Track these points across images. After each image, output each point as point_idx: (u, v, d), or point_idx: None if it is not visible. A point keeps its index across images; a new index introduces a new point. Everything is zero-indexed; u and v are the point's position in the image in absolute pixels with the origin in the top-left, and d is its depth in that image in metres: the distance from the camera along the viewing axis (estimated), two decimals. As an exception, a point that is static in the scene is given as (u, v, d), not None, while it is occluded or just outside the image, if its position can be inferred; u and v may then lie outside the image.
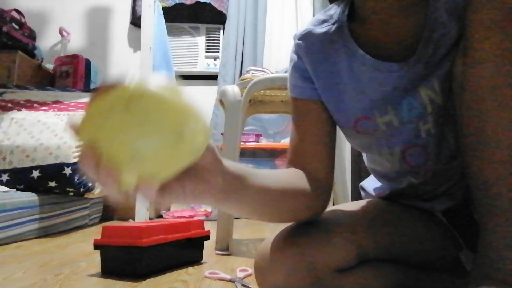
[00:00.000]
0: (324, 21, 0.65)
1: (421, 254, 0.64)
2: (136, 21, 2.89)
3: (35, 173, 1.57)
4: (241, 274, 0.85)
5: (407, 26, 0.58)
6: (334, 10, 0.65)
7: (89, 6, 3.01)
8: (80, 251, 1.20)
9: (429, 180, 0.65)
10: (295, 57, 0.66)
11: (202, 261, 1.03)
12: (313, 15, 2.81)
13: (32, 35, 2.41)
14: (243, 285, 0.78)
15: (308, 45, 0.64)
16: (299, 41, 0.65)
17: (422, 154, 0.62)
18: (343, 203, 0.77)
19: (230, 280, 0.82)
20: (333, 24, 0.63)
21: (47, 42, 2.92)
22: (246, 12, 2.84)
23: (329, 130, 0.65)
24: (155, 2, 2.13)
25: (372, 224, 0.63)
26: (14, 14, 2.31)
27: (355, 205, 0.68)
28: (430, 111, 0.58)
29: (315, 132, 0.64)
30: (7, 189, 1.52)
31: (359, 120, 0.62)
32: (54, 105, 1.89)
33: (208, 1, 2.89)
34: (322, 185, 0.61)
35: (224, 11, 2.89)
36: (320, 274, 0.55)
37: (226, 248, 1.17)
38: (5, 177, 1.58)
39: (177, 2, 2.86)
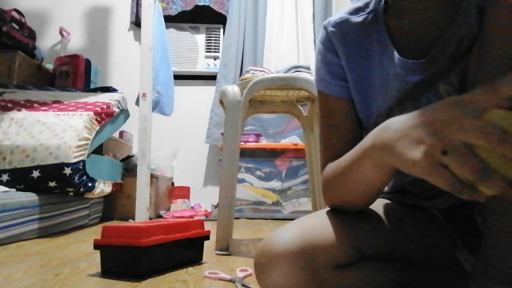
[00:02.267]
0: (359, 9, 0.64)
1: (420, 252, 0.64)
2: (136, 21, 2.89)
3: (35, 173, 1.57)
4: (241, 274, 0.85)
5: (439, 21, 0.58)
6: None
7: (89, 6, 3.01)
8: (80, 251, 1.20)
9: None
10: (322, 48, 0.65)
11: (202, 261, 1.03)
12: (313, 15, 2.81)
13: (32, 35, 2.41)
14: (243, 285, 0.78)
15: (344, 34, 0.63)
16: (333, 29, 0.64)
17: None
18: None
19: (230, 280, 0.82)
20: (369, 13, 0.62)
21: (47, 42, 2.92)
22: (246, 12, 2.84)
23: (358, 123, 0.65)
24: (155, 2, 2.13)
25: (372, 222, 0.63)
26: (14, 14, 2.31)
27: None
28: None
29: (348, 127, 0.64)
30: (7, 189, 1.52)
31: (380, 116, 0.62)
32: (54, 105, 1.89)
33: (207, 4, 2.90)
34: None
35: (223, 13, 2.90)
36: (320, 271, 0.55)
37: (226, 248, 1.17)
38: (5, 177, 1.58)
39: (180, 10, 2.87)
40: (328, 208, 0.64)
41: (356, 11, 0.64)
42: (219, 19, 2.95)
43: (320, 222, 0.59)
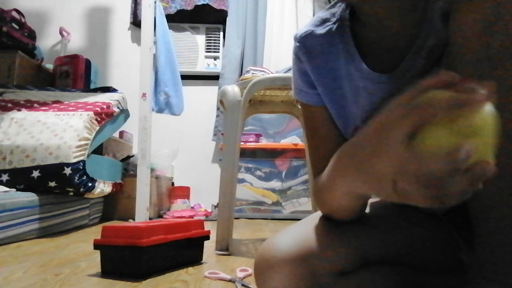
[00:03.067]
0: (325, 20, 0.63)
1: (423, 255, 0.63)
2: (136, 21, 2.89)
3: (35, 173, 1.57)
4: (241, 274, 0.85)
5: (404, 30, 0.55)
6: (338, 8, 0.62)
7: (89, 6, 3.01)
8: (80, 251, 1.20)
9: None
10: (295, 58, 0.65)
11: (202, 261, 1.03)
12: (313, 15, 2.81)
13: (32, 35, 2.41)
14: (243, 285, 0.78)
15: (309, 48, 0.63)
16: (298, 44, 0.64)
17: None
18: None
19: (230, 280, 0.82)
20: (334, 23, 0.61)
21: (47, 42, 2.92)
22: (246, 12, 2.84)
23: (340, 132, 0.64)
24: (155, 2, 2.13)
25: (372, 225, 0.63)
26: (14, 14, 2.31)
27: None
28: None
29: (330, 135, 0.63)
30: (7, 189, 1.52)
31: (355, 129, 0.61)
32: (54, 105, 1.89)
33: (206, 2, 2.90)
34: None
35: (224, 8, 2.89)
36: (320, 278, 0.54)
37: (226, 248, 1.17)
38: (5, 177, 1.58)
39: (179, 8, 2.87)
40: None
41: (322, 22, 0.63)
42: (219, 19, 2.95)
43: (320, 226, 0.59)
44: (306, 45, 0.63)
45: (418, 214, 0.67)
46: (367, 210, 0.67)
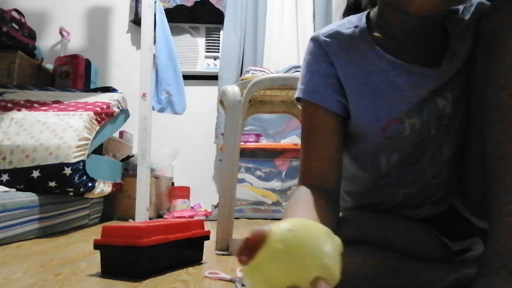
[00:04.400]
0: (343, 24, 0.66)
1: (408, 241, 0.64)
2: (136, 20, 2.89)
3: (35, 173, 1.57)
4: (241, 274, 0.85)
5: (428, 41, 0.62)
6: (350, 18, 0.67)
7: (89, 6, 3.01)
8: (80, 251, 1.20)
9: (416, 195, 0.68)
10: (314, 58, 0.65)
11: (202, 261, 1.03)
12: (313, 15, 2.82)
13: (32, 35, 2.41)
14: (243, 285, 0.78)
15: (338, 44, 0.64)
16: (327, 39, 0.64)
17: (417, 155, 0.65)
18: None
19: (230, 280, 0.82)
20: (354, 27, 0.64)
21: (47, 42, 2.92)
22: (246, 12, 2.84)
23: (341, 142, 0.64)
24: (155, 2, 2.13)
25: (358, 218, 0.67)
26: (14, 14, 2.31)
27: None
28: (439, 116, 0.62)
29: (330, 147, 0.62)
30: (7, 189, 1.52)
31: (391, 121, 0.62)
32: (54, 105, 1.89)
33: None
34: (337, 199, 0.63)
35: (222, 9, 2.89)
36: None
37: (226, 248, 1.17)
38: (5, 177, 1.58)
39: (178, 3, 2.87)
40: None
41: (343, 25, 0.66)
42: (219, 19, 2.95)
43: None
44: (335, 41, 0.64)
45: (398, 219, 0.69)
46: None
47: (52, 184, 1.59)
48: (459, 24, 0.63)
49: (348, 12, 0.71)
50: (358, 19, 0.65)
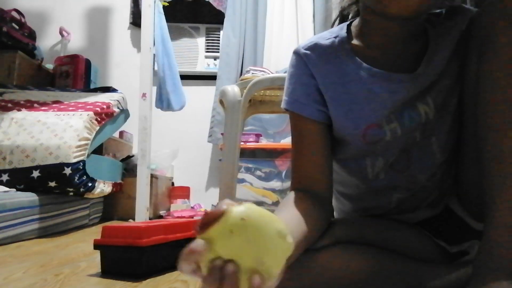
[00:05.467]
0: (323, 36, 0.69)
1: (400, 241, 0.64)
2: (136, 20, 2.89)
3: (35, 173, 1.57)
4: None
5: (408, 51, 0.64)
6: (332, 29, 0.70)
7: (89, 6, 3.01)
8: (80, 251, 1.20)
9: (411, 198, 0.68)
10: (296, 71, 0.68)
11: (202, 261, 1.03)
12: (313, 15, 2.81)
13: (32, 35, 2.41)
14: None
15: (317, 56, 0.66)
16: (307, 52, 0.67)
17: (405, 159, 0.66)
18: None
19: (230, 280, 0.82)
20: (334, 37, 0.67)
21: (47, 42, 2.92)
22: (246, 12, 2.84)
23: (327, 146, 0.66)
24: (155, 2, 2.13)
25: (352, 221, 0.69)
26: (14, 14, 2.31)
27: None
28: (423, 122, 0.64)
29: (316, 152, 0.65)
30: (7, 189, 1.52)
31: (370, 127, 0.64)
32: (54, 105, 1.89)
33: (207, 0, 2.89)
34: (326, 202, 0.65)
35: (223, 10, 2.89)
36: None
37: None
38: (5, 177, 1.58)
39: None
40: None
41: (323, 37, 0.68)
42: (219, 19, 2.95)
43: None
44: (314, 52, 0.67)
45: (392, 222, 0.69)
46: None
47: (52, 184, 1.59)
48: (440, 27, 0.64)
49: (336, 25, 0.74)
50: (339, 29, 0.68)
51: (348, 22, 0.69)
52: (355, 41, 0.66)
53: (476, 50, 0.57)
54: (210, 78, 2.93)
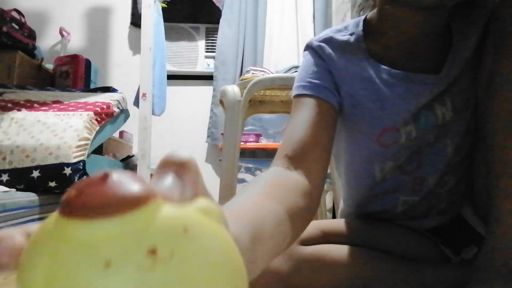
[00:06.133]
0: (339, 30, 0.65)
1: (404, 247, 0.64)
2: (136, 21, 2.89)
3: (35, 173, 1.57)
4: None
5: (429, 49, 0.60)
6: (348, 23, 0.65)
7: (89, 6, 3.01)
8: (80, 251, 1.20)
9: (419, 204, 0.66)
10: (307, 64, 0.63)
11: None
12: (313, 15, 2.82)
13: (32, 35, 2.41)
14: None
15: (332, 49, 0.63)
16: (321, 44, 0.63)
17: (416, 160, 0.63)
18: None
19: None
20: (350, 35, 0.63)
21: (47, 42, 2.92)
22: (246, 12, 2.84)
23: (333, 136, 0.59)
24: (155, 2, 2.13)
25: (354, 225, 0.66)
26: (14, 14, 2.31)
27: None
28: (439, 123, 0.60)
29: (324, 136, 0.56)
30: (7, 189, 1.52)
31: (386, 130, 0.60)
32: (54, 105, 1.89)
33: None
34: (316, 191, 0.51)
35: (220, 7, 2.89)
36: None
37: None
38: (5, 177, 1.58)
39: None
40: None
41: (337, 31, 0.65)
42: (219, 19, 2.95)
43: None
44: (330, 45, 0.63)
45: (399, 228, 0.68)
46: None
47: (52, 184, 1.59)
48: (462, 22, 0.60)
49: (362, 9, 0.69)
50: (354, 25, 0.64)
51: (363, 17, 0.65)
52: (371, 40, 0.62)
53: (493, 40, 0.53)
54: (210, 78, 2.94)
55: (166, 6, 2.81)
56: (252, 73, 1.44)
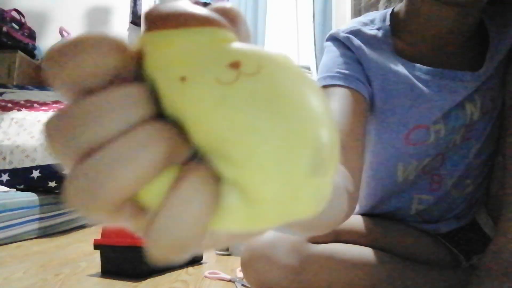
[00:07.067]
0: (366, 24, 0.62)
1: (414, 249, 0.64)
2: (136, 20, 2.89)
3: (35, 173, 1.57)
4: (241, 274, 0.85)
5: (462, 46, 0.58)
6: (373, 16, 0.63)
7: (89, 6, 3.01)
8: (80, 251, 1.20)
9: (434, 206, 0.64)
10: (338, 50, 0.59)
11: (202, 261, 1.03)
12: (313, 15, 2.82)
13: (32, 35, 2.41)
14: (243, 285, 0.78)
15: (361, 41, 0.60)
16: (349, 35, 0.59)
17: (440, 161, 0.61)
18: None
19: (230, 280, 0.82)
20: (377, 29, 0.61)
21: (47, 42, 2.92)
22: (246, 12, 2.84)
23: (366, 127, 0.56)
24: (155, 1, 2.13)
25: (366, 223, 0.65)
26: (14, 14, 2.31)
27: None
28: (467, 123, 0.58)
29: (359, 126, 0.53)
30: (7, 189, 1.52)
31: (417, 127, 0.58)
32: (54, 105, 1.89)
33: (208, 1, 2.90)
34: (356, 180, 0.49)
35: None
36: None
37: (226, 248, 1.17)
38: (5, 177, 1.58)
39: (179, 1, 2.86)
40: None
41: (364, 24, 0.61)
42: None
43: None
44: (358, 37, 0.60)
45: (413, 228, 0.67)
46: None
47: (52, 184, 1.59)
48: (500, 20, 0.58)
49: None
50: (381, 19, 0.61)
51: (390, 10, 0.62)
52: (398, 35, 0.60)
53: None
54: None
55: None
56: (252, 73, 1.44)
